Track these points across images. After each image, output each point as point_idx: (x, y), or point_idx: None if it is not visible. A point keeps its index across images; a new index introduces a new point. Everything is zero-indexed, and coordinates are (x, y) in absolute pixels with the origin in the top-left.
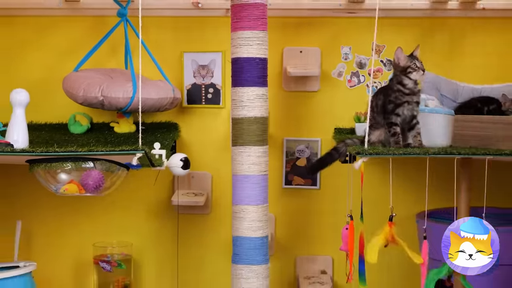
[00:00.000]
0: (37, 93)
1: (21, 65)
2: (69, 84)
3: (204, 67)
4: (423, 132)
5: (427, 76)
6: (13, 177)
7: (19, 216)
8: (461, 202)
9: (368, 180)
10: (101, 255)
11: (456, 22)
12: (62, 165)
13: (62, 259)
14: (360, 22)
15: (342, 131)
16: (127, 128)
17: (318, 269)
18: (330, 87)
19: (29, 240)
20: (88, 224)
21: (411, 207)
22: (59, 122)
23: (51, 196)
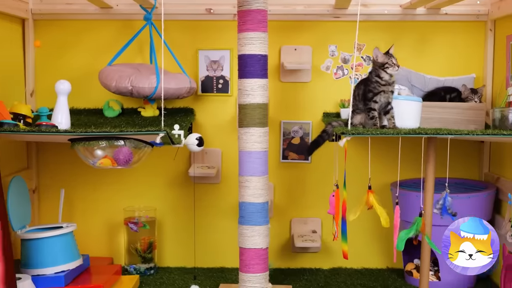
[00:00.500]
0: (77, 83)
1: (65, 60)
2: (103, 76)
3: (215, 62)
4: (396, 116)
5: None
6: (57, 153)
7: (63, 185)
8: (427, 173)
9: (350, 155)
10: (130, 217)
11: (423, 25)
12: (98, 143)
13: (98, 220)
14: (344, 25)
15: (329, 115)
16: (152, 112)
17: (309, 229)
18: (319, 79)
19: (71, 205)
20: (119, 191)
21: (386, 177)
22: (96, 107)
23: (89, 168)
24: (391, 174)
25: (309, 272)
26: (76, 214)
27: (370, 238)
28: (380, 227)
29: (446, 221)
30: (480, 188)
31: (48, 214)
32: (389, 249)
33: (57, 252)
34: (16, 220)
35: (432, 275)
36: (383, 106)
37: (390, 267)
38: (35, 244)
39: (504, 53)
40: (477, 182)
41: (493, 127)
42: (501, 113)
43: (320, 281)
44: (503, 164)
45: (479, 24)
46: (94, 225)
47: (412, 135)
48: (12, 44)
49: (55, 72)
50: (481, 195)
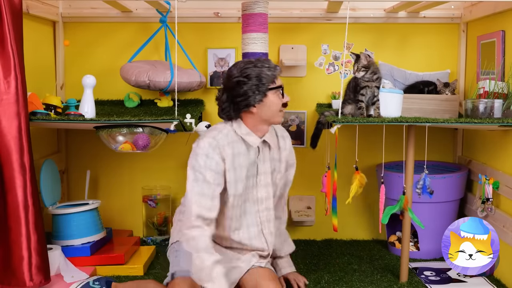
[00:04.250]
0: (101, 78)
1: (90, 57)
2: (124, 72)
3: (222, 59)
4: (381, 106)
5: (384, 66)
6: (84, 139)
7: (88, 167)
8: (408, 157)
9: (341, 141)
10: (147, 195)
11: (404, 27)
12: (120, 130)
13: (119, 198)
14: (335, 27)
15: (322, 105)
16: (167, 103)
17: (305, 205)
18: (313, 74)
19: (96, 184)
20: (138, 172)
21: (372, 160)
22: (117, 99)
23: (111, 152)
24: (377, 157)
25: (304, 243)
26: (100, 192)
27: (358, 213)
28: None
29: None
30: (454, 169)
31: (76, 192)
32: (375, 223)
33: (83, 226)
34: (48, 198)
35: (412, 246)
36: (370, 98)
37: (375, 239)
38: (64, 219)
39: (475, 51)
40: (451, 164)
41: (465, 116)
42: (472, 103)
43: (314, 251)
44: (474, 149)
45: (453, 26)
46: (116, 202)
47: (395, 123)
48: (44, 44)
49: (82, 68)
50: (454, 176)
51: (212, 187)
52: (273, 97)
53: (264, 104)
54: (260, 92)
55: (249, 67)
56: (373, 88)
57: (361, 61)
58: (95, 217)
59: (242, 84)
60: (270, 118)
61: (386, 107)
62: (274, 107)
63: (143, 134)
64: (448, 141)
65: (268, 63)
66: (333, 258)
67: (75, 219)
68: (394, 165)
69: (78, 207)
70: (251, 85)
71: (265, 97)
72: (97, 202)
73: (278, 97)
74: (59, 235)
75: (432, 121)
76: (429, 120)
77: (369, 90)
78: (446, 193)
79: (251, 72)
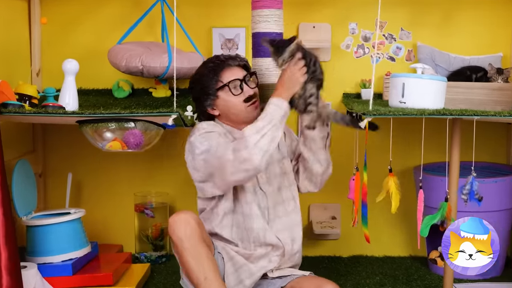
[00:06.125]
0: (86, 62)
1: (72, 38)
2: (113, 55)
3: (230, 40)
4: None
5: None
6: (65, 136)
7: (70, 169)
8: (452, 157)
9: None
10: (141, 203)
11: (448, 1)
12: (108, 125)
13: (107, 206)
14: (365, 1)
15: (349, 96)
16: (163, 93)
17: (328, 216)
18: (339, 58)
19: (79, 190)
20: (129, 176)
21: (409, 161)
22: (105, 88)
23: (98, 151)
24: (414, 158)
25: (328, 260)
26: (84, 200)
27: (392, 224)
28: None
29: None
30: (507, 172)
31: (55, 200)
32: (412, 236)
33: (64, 239)
34: (21, 206)
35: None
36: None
37: (413, 255)
38: (41, 231)
39: None
40: (504, 166)
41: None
42: None
43: (340, 270)
44: None
45: (507, 0)
46: (103, 211)
47: (436, 116)
48: (17, 22)
49: (62, 50)
50: (508, 180)
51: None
52: (225, 96)
53: (220, 106)
54: (209, 95)
55: (201, 66)
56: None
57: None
58: (78, 229)
59: (191, 89)
60: (238, 117)
61: (426, 97)
62: (233, 106)
63: (135, 130)
64: (500, 138)
65: (218, 58)
66: (363, 278)
67: (54, 231)
68: (435, 167)
69: (57, 217)
70: (197, 90)
71: (217, 99)
72: (80, 211)
73: (232, 95)
74: (35, 250)
75: (481, 114)
76: (477, 113)
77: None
78: (498, 200)
79: (197, 73)
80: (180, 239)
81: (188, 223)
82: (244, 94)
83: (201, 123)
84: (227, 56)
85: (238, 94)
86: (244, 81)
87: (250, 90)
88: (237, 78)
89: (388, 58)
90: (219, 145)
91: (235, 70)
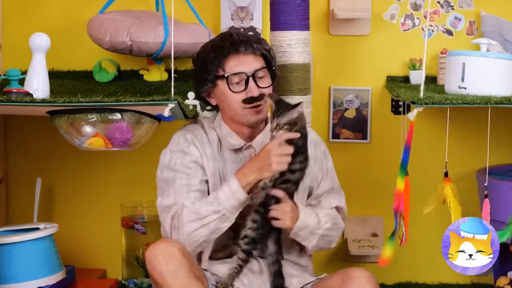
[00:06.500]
0: (59, 37)
1: (41, 7)
2: (94, 28)
3: (243, 8)
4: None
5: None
6: (32, 131)
7: (40, 173)
8: None
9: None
10: (129, 216)
11: None
12: (87, 117)
13: (86, 220)
14: None
15: (394, 79)
16: (158, 76)
17: (368, 232)
18: (381, 31)
19: (50, 199)
20: (114, 181)
21: (471, 163)
22: (83, 69)
23: (75, 151)
24: (477, 159)
25: None
26: (57, 212)
27: None
28: None
29: None
30: None
31: (20, 212)
32: None
33: (31, 262)
34: None
35: None
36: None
37: (475, 282)
38: (3, 252)
39: None
40: None
41: None
42: None
43: None
44: None
45: None
46: (81, 226)
47: (506, 105)
48: None
49: (29, 23)
50: None
51: None
52: (224, 88)
53: (217, 96)
54: (206, 80)
55: (209, 41)
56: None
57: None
58: (50, 249)
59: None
60: (233, 116)
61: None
62: (228, 103)
63: (122, 123)
64: None
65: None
66: None
67: (19, 252)
68: (505, 170)
69: (23, 234)
70: (196, 68)
71: (215, 88)
72: (52, 227)
73: (231, 90)
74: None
75: None
76: None
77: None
78: None
79: (202, 48)
80: (163, 276)
81: (171, 255)
82: (246, 93)
83: (178, 135)
84: (242, 37)
85: (239, 91)
86: (252, 77)
87: (256, 90)
88: (242, 72)
89: (444, 31)
90: (167, 199)
91: (246, 59)
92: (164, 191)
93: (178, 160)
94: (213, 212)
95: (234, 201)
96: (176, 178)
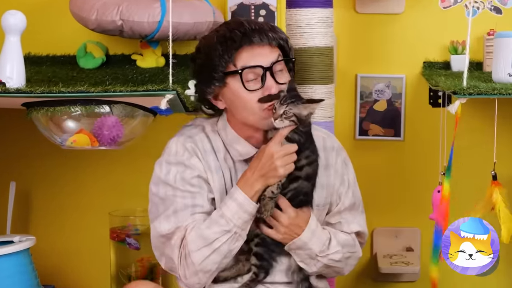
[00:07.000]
0: (36, 16)
1: None
2: (78, 5)
3: None
4: None
5: None
6: (6, 126)
7: (14, 176)
8: None
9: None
10: (119, 227)
11: None
12: (69, 110)
13: (69, 232)
14: None
15: (433, 66)
16: (154, 61)
17: (402, 245)
18: (417, 8)
19: (27, 207)
20: (102, 187)
21: None
22: (65, 54)
23: (55, 150)
24: None
25: None
26: (35, 222)
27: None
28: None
29: None
30: None
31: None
32: None
33: (4, 282)
34: None
35: None
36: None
37: None
38: None
39: None
40: None
41: None
42: None
43: None
44: None
45: None
46: (63, 238)
47: None
48: None
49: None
50: None
51: None
52: (236, 87)
53: (226, 97)
54: (213, 79)
55: (214, 30)
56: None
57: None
58: (26, 266)
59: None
60: (248, 119)
61: None
62: (243, 104)
63: (111, 117)
64: None
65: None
66: None
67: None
68: None
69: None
70: (200, 63)
71: (224, 87)
72: (28, 240)
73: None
74: None
75: None
76: None
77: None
78: None
79: (205, 38)
80: None
81: None
82: (263, 90)
83: (176, 143)
84: (255, 25)
85: (255, 90)
86: (270, 71)
87: (274, 87)
88: (259, 65)
89: (491, 8)
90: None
91: (262, 51)
92: (160, 212)
93: (178, 175)
94: (222, 233)
95: (243, 215)
96: (177, 197)
